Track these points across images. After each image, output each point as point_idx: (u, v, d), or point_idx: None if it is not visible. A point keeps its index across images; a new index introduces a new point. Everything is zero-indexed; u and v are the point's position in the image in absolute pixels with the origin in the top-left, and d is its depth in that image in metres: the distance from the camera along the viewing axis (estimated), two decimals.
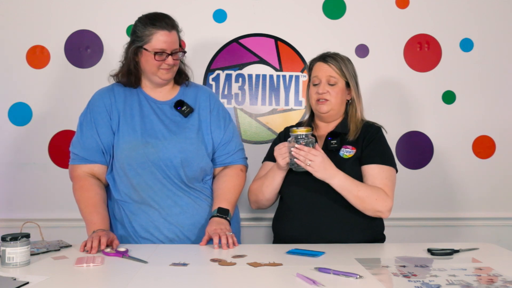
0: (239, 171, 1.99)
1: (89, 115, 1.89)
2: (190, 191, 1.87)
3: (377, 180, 1.82)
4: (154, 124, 1.87)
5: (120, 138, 1.84)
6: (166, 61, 1.83)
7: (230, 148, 1.97)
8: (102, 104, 1.89)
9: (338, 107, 1.92)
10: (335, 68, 1.90)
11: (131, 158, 1.81)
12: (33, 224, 1.74)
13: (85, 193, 1.83)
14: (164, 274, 1.40)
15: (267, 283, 1.33)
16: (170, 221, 1.82)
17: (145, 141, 1.83)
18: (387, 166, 1.85)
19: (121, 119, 1.87)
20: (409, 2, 2.57)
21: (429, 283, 1.30)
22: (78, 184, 1.86)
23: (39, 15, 2.48)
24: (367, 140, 1.88)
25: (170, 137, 1.85)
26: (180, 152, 1.84)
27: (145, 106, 1.90)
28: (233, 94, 2.55)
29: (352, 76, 1.93)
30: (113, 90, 1.92)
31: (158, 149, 1.82)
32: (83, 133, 1.88)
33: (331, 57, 1.93)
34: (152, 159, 1.81)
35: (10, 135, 2.48)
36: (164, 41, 1.81)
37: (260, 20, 2.54)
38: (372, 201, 1.77)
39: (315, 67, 1.95)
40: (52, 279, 1.34)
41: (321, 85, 1.91)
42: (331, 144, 1.88)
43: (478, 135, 2.60)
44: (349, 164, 1.84)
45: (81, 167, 1.87)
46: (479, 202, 2.60)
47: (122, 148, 1.83)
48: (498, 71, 2.59)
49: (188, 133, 1.88)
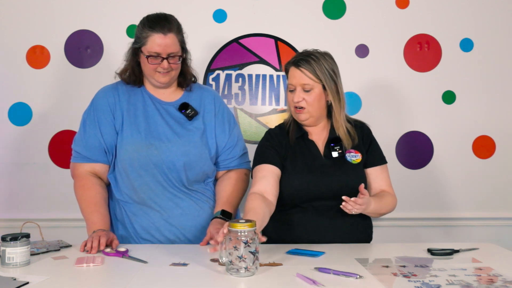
0: (243, 175, 1.97)
1: (92, 113, 1.87)
2: (191, 193, 1.86)
3: (382, 182, 1.89)
4: (158, 125, 1.85)
5: (124, 139, 1.82)
6: (161, 65, 1.79)
7: (235, 152, 1.95)
8: (106, 102, 1.86)
9: (317, 112, 1.83)
10: (309, 73, 1.78)
11: (134, 159, 1.80)
12: (33, 224, 1.74)
13: (86, 192, 1.82)
14: (164, 274, 1.40)
15: (267, 283, 1.33)
16: (171, 222, 1.82)
17: (148, 143, 1.81)
18: (385, 165, 1.92)
19: (125, 118, 1.85)
20: (409, 2, 2.57)
21: (429, 283, 1.30)
22: (80, 183, 1.84)
23: (39, 15, 2.48)
24: (366, 142, 1.89)
25: (174, 140, 1.83)
26: (183, 155, 1.82)
27: (150, 106, 1.87)
28: (233, 94, 2.55)
29: (329, 77, 1.79)
30: (117, 89, 1.89)
31: (161, 151, 1.81)
32: (86, 131, 1.86)
33: (304, 60, 1.79)
34: (154, 161, 1.80)
35: (10, 135, 2.48)
36: (159, 45, 1.76)
37: (260, 20, 2.54)
38: (387, 209, 1.86)
39: (290, 73, 1.83)
40: (52, 279, 1.34)
41: (296, 92, 1.80)
42: (336, 150, 1.85)
43: (478, 135, 2.60)
44: (360, 169, 1.85)
45: (82, 165, 1.86)
46: (479, 202, 2.61)
47: (125, 149, 1.82)
48: (498, 71, 2.60)
49: (192, 136, 1.86)
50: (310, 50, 1.85)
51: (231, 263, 1.36)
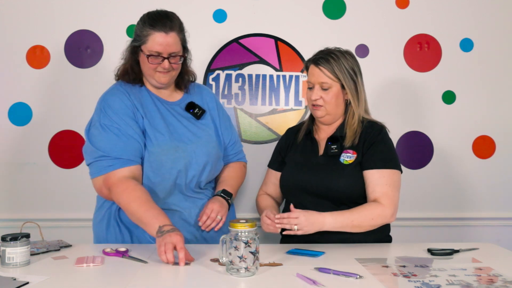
0: (242, 166, 2.03)
1: (116, 116, 1.73)
2: (205, 191, 1.87)
3: (377, 187, 1.76)
4: (176, 126, 1.79)
5: (150, 141, 1.74)
6: (162, 64, 1.73)
7: (237, 148, 2.02)
8: (124, 105, 1.75)
9: (334, 111, 1.84)
10: (327, 72, 1.80)
11: (159, 162, 1.73)
12: (33, 224, 1.74)
13: (132, 193, 1.65)
14: (164, 274, 1.40)
15: (267, 283, 1.33)
16: (190, 222, 1.80)
17: (175, 145, 1.75)
18: (388, 170, 1.78)
19: (144, 120, 1.76)
20: (409, 2, 2.57)
21: (429, 283, 1.30)
22: (121, 188, 1.67)
23: (39, 15, 2.48)
24: (368, 143, 1.81)
25: (195, 141, 1.80)
26: (205, 156, 1.81)
27: (160, 107, 1.81)
28: (233, 94, 2.55)
29: (348, 76, 1.81)
30: (125, 90, 1.80)
31: (187, 153, 1.76)
32: (120, 134, 1.71)
33: (324, 59, 1.81)
34: (182, 163, 1.75)
35: (10, 135, 2.48)
36: (160, 44, 1.71)
37: (260, 20, 2.53)
38: (369, 222, 1.72)
39: (309, 71, 1.86)
40: (52, 279, 1.34)
41: (314, 90, 1.83)
42: (331, 150, 1.83)
43: (478, 135, 2.60)
44: (349, 170, 1.79)
45: (119, 171, 1.69)
46: (479, 202, 2.61)
47: (150, 152, 1.73)
48: (498, 71, 2.59)
49: (210, 136, 1.85)
50: (331, 48, 1.86)
51: (231, 263, 1.36)
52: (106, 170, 1.70)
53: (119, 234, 1.81)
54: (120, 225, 1.81)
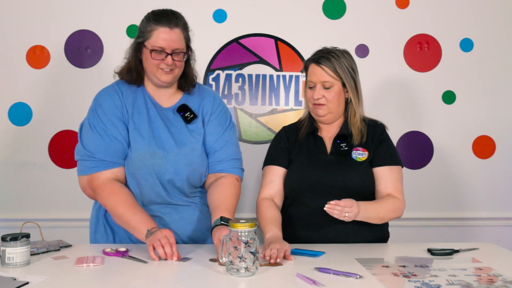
0: (234, 180, 1.82)
1: (103, 116, 1.74)
2: (193, 199, 1.82)
3: (389, 183, 1.82)
4: (161, 131, 1.75)
5: (130, 144, 1.73)
6: (165, 61, 1.70)
7: (221, 155, 1.82)
8: (113, 105, 1.75)
9: (336, 109, 1.86)
10: (329, 71, 1.81)
11: (136, 167, 1.72)
12: (33, 224, 1.74)
13: (118, 197, 1.67)
14: (164, 274, 1.40)
15: (267, 283, 1.33)
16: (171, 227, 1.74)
17: (152, 151, 1.72)
18: (396, 166, 1.86)
19: (129, 121, 1.75)
20: (409, 2, 2.57)
21: (429, 283, 1.30)
22: (106, 191, 1.69)
23: (39, 15, 2.48)
24: (376, 141, 1.86)
25: (177, 149, 1.75)
26: (187, 166, 1.75)
27: (151, 110, 1.79)
28: (233, 94, 2.55)
29: (349, 75, 1.83)
30: (119, 89, 1.79)
31: (166, 161, 1.73)
32: (103, 136, 1.72)
33: (325, 58, 1.82)
34: (157, 171, 1.72)
35: (10, 135, 2.48)
36: (164, 39, 1.68)
37: (260, 20, 2.54)
38: (390, 214, 1.80)
39: (310, 70, 1.86)
40: (52, 279, 1.34)
41: (315, 89, 1.83)
42: (341, 147, 1.85)
43: (478, 135, 2.60)
44: (364, 167, 1.83)
45: (103, 173, 1.71)
46: (479, 202, 2.61)
47: (128, 155, 1.73)
48: (498, 71, 2.60)
49: (195, 144, 1.78)
50: (329, 48, 1.88)
51: (231, 263, 1.36)
52: (90, 171, 1.73)
53: (104, 234, 1.81)
54: (105, 226, 1.82)
